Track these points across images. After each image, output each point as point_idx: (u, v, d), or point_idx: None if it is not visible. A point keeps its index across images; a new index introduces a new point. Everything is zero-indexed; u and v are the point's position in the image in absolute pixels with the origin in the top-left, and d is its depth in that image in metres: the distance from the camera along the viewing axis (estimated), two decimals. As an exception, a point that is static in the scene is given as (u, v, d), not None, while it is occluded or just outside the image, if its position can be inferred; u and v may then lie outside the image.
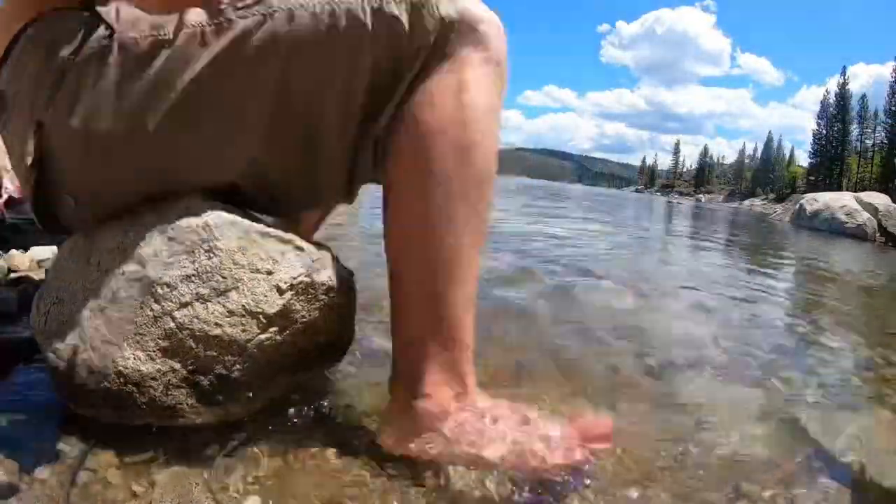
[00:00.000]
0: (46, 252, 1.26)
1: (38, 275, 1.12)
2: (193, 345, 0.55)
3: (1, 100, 0.60)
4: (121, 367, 0.54)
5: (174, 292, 0.55)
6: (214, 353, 0.56)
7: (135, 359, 0.54)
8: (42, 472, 0.50)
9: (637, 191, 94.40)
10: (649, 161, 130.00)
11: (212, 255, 0.56)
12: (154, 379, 0.55)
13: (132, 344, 0.55)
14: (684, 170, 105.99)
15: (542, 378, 0.87)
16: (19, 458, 0.51)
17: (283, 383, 0.63)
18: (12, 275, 1.11)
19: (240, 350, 0.56)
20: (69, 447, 0.54)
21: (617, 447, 0.67)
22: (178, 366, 0.55)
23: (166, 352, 0.55)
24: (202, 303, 0.55)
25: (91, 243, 0.59)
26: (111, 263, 0.56)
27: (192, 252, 0.56)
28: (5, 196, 1.43)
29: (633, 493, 0.59)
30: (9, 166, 1.72)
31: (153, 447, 0.56)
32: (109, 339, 0.55)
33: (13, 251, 1.24)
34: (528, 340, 1.06)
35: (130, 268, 0.56)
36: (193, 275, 0.56)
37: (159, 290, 0.55)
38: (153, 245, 0.56)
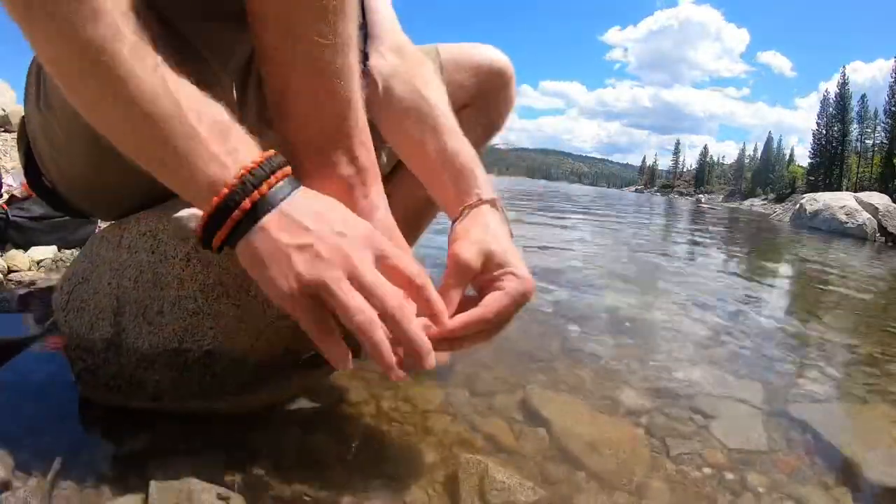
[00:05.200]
0: (46, 252, 1.26)
1: (37, 275, 1.13)
2: (213, 324, 0.56)
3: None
4: (138, 344, 0.55)
5: (200, 274, 0.56)
6: (233, 336, 0.56)
7: (153, 336, 0.55)
8: (36, 467, 0.50)
9: (637, 191, 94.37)
10: (649, 161, 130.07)
11: None
12: (170, 358, 0.55)
13: (152, 322, 0.55)
14: (684, 170, 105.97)
15: (541, 369, 0.87)
16: (14, 455, 0.51)
17: (294, 376, 0.63)
18: (12, 275, 1.11)
19: (257, 334, 0.57)
20: (65, 442, 0.54)
21: (620, 441, 0.67)
22: (194, 346, 0.56)
23: (186, 331, 0.56)
24: (224, 286, 0.56)
25: (124, 229, 0.60)
26: (141, 246, 0.57)
27: None
28: (6, 196, 1.44)
29: (638, 487, 0.59)
30: (9, 165, 1.72)
31: (151, 440, 0.55)
32: (130, 316, 0.56)
33: (13, 251, 1.24)
34: (532, 334, 1.06)
35: (161, 249, 0.57)
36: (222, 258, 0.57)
37: (185, 272, 0.56)
38: (185, 230, 0.57)
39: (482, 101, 0.82)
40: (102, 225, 1.08)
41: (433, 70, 0.68)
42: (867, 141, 50.24)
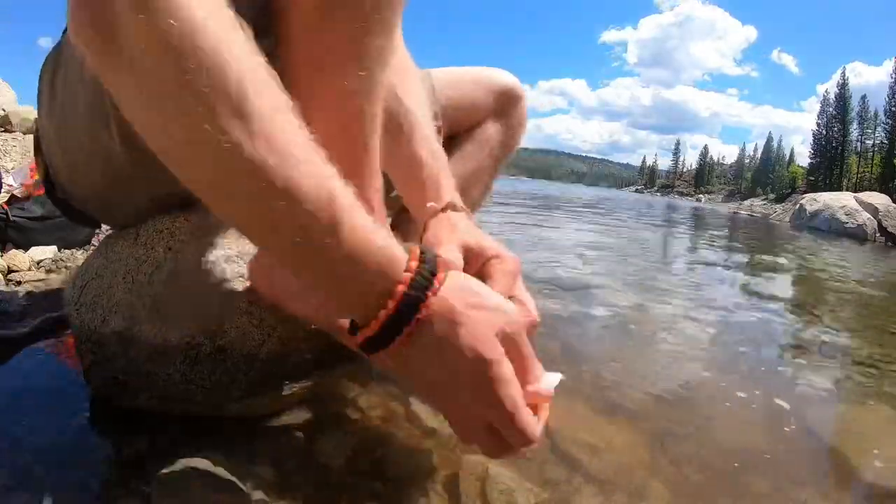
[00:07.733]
0: (46, 252, 1.26)
1: (37, 275, 1.12)
2: (227, 320, 0.56)
3: None
4: (151, 338, 0.55)
5: (216, 269, 0.57)
6: (246, 332, 0.57)
7: (166, 329, 0.55)
8: (37, 468, 0.50)
9: (637, 191, 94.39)
10: (649, 161, 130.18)
11: None
12: (182, 352, 0.55)
13: (166, 316, 0.56)
14: (684, 170, 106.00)
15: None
16: (14, 456, 0.51)
17: (302, 377, 0.63)
18: (12, 275, 1.11)
19: (269, 331, 0.58)
20: (67, 443, 0.54)
21: (620, 443, 0.67)
22: (207, 341, 0.56)
23: (199, 326, 0.56)
24: (242, 281, 0.57)
25: (140, 227, 0.61)
26: (158, 243, 0.58)
27: (237, 235, 0.58)
28: (6, 195, 1.44)
29: (637, 489, 0.59)
30: (9, 165, 1.72)
31: (153, 442, 0.55)
32: (144, 310, 0.56)
33: (13, 251, 1.24)
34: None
35: (177, 246, 0.58)
36: (236, 255, 0.58)
37: (203, 267, 0.57)
38: (202, 227, 0.58)
39: (503, 119, 0.87)
40: (104, 228, 1.08)
41: (418, 79, 0.67)
42: (867, 141, 50.27)
